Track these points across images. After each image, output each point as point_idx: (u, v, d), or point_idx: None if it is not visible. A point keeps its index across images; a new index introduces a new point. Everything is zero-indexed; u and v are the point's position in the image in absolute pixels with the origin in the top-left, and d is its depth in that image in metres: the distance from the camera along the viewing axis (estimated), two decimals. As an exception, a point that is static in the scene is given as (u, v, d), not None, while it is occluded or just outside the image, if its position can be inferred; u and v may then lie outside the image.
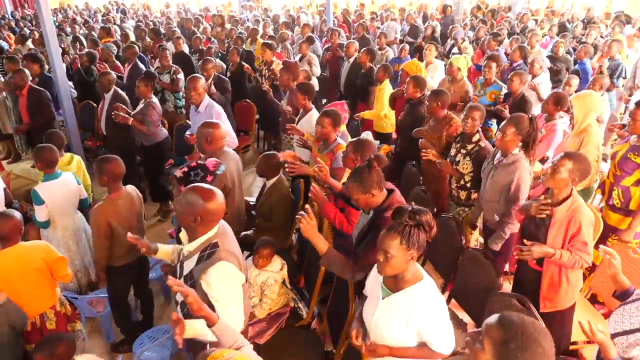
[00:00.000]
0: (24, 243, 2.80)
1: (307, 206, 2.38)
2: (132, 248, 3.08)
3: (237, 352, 1.48)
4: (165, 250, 2.54)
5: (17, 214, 2.81)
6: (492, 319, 1.45)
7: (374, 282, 2.12)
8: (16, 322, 2.63)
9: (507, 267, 3.57)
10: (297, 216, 2.34)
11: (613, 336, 2.05)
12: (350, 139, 3.97)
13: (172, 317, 1.71)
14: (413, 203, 1.98)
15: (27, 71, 5.27)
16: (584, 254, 2.47)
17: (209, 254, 2.06)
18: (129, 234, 2.39)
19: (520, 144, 3.11)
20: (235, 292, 2.11)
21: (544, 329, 1.41)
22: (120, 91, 5.13)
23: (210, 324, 1.70)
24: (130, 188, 3.16)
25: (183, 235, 2.23)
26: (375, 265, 2.00)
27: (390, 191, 2.48)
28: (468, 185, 3.57)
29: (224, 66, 7.03)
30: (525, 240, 2.53)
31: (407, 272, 1.94)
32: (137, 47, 6.95)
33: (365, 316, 2.11)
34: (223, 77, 5.89)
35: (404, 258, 1.87)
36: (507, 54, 6.91)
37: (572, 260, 2.47)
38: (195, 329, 1.81)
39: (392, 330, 1.97)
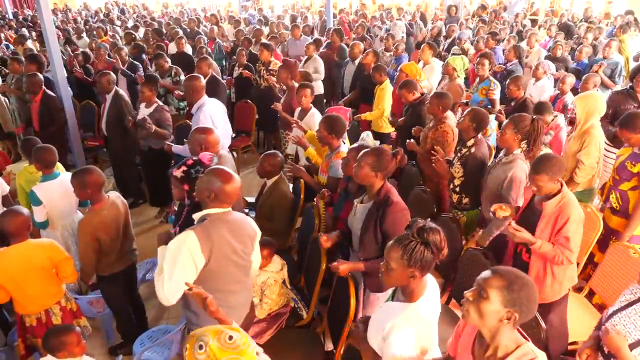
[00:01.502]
0: (31, 240, 2.80)
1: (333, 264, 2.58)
2: (121, 257, 3.08)
3: (213, 327, 1.59)
4: None
5: (25, 211, 2.82)
6: (487, 274, 1.60)
7: None
8: None
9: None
10: (330, 265, 2.58)
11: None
12: (348, 142, 3.99)
13: None
14: (429, 220, 1.88)
15: (40, 76, 5.17)
16: (565, 250, 2.51)
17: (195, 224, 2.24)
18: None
19: (525, 145, 3.12)
20: (181, 261, 2.10)
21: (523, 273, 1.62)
22: (121, 92, 5.11)
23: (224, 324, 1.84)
24: (113, 195, 3.06)
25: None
26: None
27: None
28: (457, 189, 3.56)
29: (215, 66, 7.01)
30: (514, 223, 2.59)
31: (408, 287, 1.87)
32: (126, 49, 6.94)
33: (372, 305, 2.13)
34: (218, 78, 5.86)
35: (404, 274, 1.80)
36: (503, 52, 6.96)
37: (553, 253, 2.52)
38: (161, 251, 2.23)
39: (372, 333, 1.96)
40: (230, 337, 1.49)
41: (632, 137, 3.15)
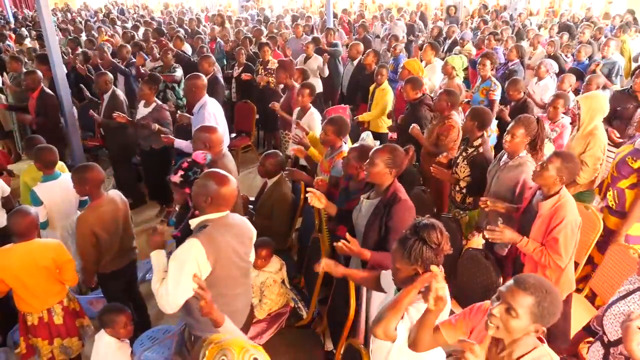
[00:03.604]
0: (38, 240, 2.82)
1: (347, 235, 2.42)
2: (120, 254, 3.08)
3: (230, 337, 1.55)
4: None
5: (33, 210, 2.82)
6: (514, 288, 1.51)
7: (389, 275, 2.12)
8: None
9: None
10: (336, 245, 2.41)
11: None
12: (350, 141, 3.98)
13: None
14: (428, 216, 1.88)
15: (39, 73, 5.13)
16: (553, 253, 2.46)
17: (195, 230, 2.20)
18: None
19: (527, 145, 3.10)
20: (187, 270, 2.06)
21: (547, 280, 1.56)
22: (118, 91, 5.11)
23: (216, 326, 1.86)
24: (113, 193, 3.09)
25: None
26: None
27: None
28: (464, 190, 3.55)
29: (218, 67, 7.01)
30: (500, 222, 2.52)
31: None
32: (129, 47, 6.96)
33: (373, 305, 2.12)
34: (218, 78, 5.83)
35: (409, 272, 1.82)
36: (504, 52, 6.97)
37: (539, 254, 2.50)
38: (158, 256, 2.22)
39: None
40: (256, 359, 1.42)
41: None
